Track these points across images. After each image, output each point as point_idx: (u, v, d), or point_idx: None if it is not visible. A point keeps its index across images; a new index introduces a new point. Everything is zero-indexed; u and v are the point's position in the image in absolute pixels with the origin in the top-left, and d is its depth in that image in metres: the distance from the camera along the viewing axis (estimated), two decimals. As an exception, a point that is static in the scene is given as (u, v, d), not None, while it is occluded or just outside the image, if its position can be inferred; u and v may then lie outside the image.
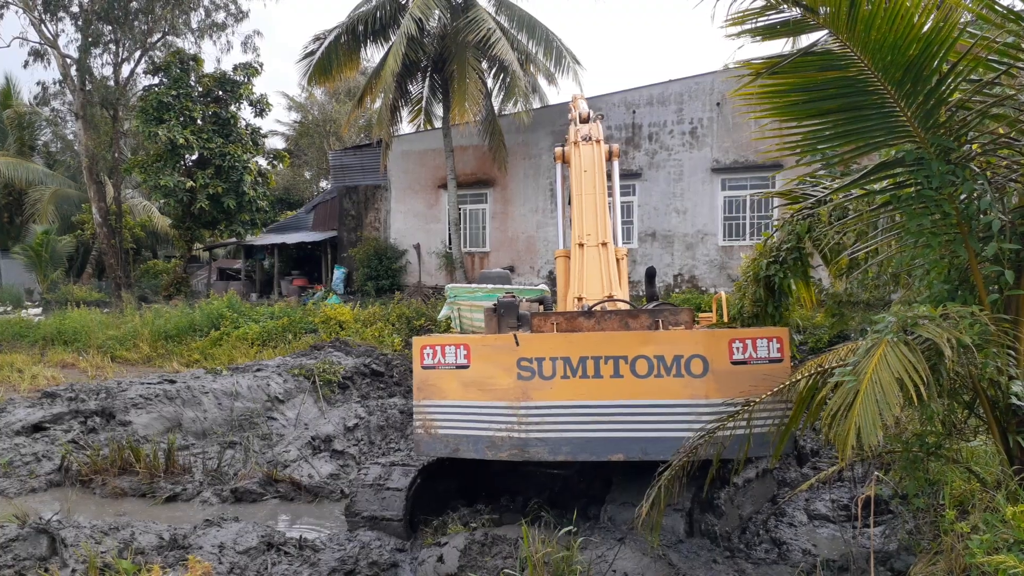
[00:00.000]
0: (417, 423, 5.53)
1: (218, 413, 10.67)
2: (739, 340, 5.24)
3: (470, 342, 5.44)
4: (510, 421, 5.27)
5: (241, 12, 27.06)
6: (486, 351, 5.39)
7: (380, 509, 6.25)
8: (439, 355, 5.44)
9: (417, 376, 5.51)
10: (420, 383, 5.51)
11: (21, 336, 17.54)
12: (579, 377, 5.24)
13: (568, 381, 5.24)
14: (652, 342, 5.28)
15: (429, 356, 5.48)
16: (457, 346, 5.41)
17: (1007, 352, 4.22)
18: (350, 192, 26.30)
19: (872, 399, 3.80)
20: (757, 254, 7.02)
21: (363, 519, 6.28)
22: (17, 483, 8.35)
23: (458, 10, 21.05)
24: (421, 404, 5.53)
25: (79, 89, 25.35)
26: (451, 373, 5.43)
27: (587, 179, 7.65)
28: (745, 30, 4.38)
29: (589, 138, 8.09)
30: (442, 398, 5.45)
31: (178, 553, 5.65)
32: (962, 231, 4.35)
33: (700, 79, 19.35)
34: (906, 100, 4.22)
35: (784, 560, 5.35)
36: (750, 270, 7.06)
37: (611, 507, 5.72)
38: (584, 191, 7.54)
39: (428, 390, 5.50)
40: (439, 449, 5.52)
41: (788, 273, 6.61)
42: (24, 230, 31.07)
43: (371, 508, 6.29)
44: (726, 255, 19.05)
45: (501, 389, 5.31)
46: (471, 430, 5.38)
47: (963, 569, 3.77)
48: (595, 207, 7.44)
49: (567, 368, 5.25)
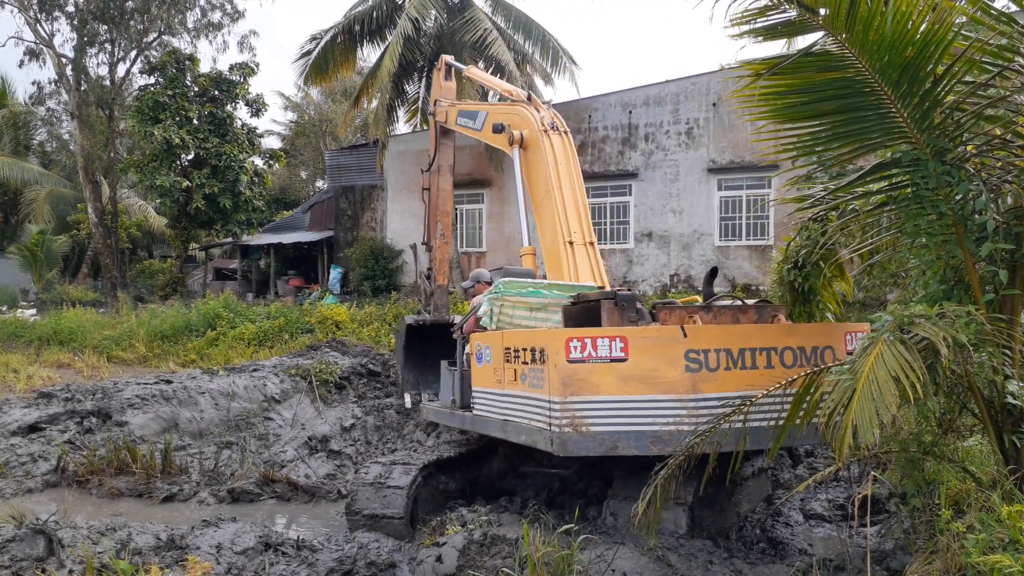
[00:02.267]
0: (564, 421, 5.01)
1: (215, 413, 10.66)
2: (851, 332, 5.59)
3: (627, 334, 5.08)
4: (679, 414, 5.01)
5: (237, 12, 27.06)
6: (647, 343, 5.06)
7: (381, 507, 6.24)
8: (589, 348, 5.04)
9: (561, 371, 5.02)
10: (566, 378, 5.03)
11: (16, 336, 17.50)
12: (739, 368, 5.12)
13: (731, 372, 5.12)
14: (795, 334, 5.42)
15: (576, 350, 5.03)
16: (612, 339, 5.05)
17: (1003, 352, 4.25)
18: (346, 192, 26.28)
19: (869, 398, 3.81)
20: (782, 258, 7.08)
21: (364, 517, 6.28)
22: (13, 484, 8.34)
23: (455, 10, 21.06)
24: (568, 401, 5.02)
25: (75, 89, 25.29)
26: (606, 367, 5.03)
27: (564, 173, 7.42)
28: (746, 30, 4.39)
29: (556, 128, 7.72)
30: (595, 393, 5.01)
31: (175, 553, 5.65)
32: (958, 231, 4.37)
33: (696, 79, 19.38)
34: (903, 101, 4.25)
35: (781, 560, 5.37)
36: (775, 274, 7.12)
37: (613, 502, 5.72)
38: (564, 186, 7.36)
39: (577, 385, 5.03)
40: (592, 447, 5.03)
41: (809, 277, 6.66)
42: (19, 230, 31.01)
43: (372, 506, 6.29)
44: (722, 255, 19.08)
45: (667, 382, 5.02)
46: (632, 426, 5.03)
47: (959, 568, 3.79)
48: (576, 204, 7.38)
49: (729, 359, 5.12)
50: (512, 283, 6.22)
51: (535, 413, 5.34)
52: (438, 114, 10.19)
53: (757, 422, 4.89)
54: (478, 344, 6.44)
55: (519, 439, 5.67)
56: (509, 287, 6.20)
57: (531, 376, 5.43)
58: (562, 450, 5.04)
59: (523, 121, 7.91)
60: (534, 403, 5.36)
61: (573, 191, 7.40)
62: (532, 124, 7.76)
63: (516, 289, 6.19)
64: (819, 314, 6.57)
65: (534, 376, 5.37)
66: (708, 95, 19.12)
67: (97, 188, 26.10)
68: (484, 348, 6.30)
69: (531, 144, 7.77)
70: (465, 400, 6.96)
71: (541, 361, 5.24)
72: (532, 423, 5.39)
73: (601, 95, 20.88)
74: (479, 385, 6.48)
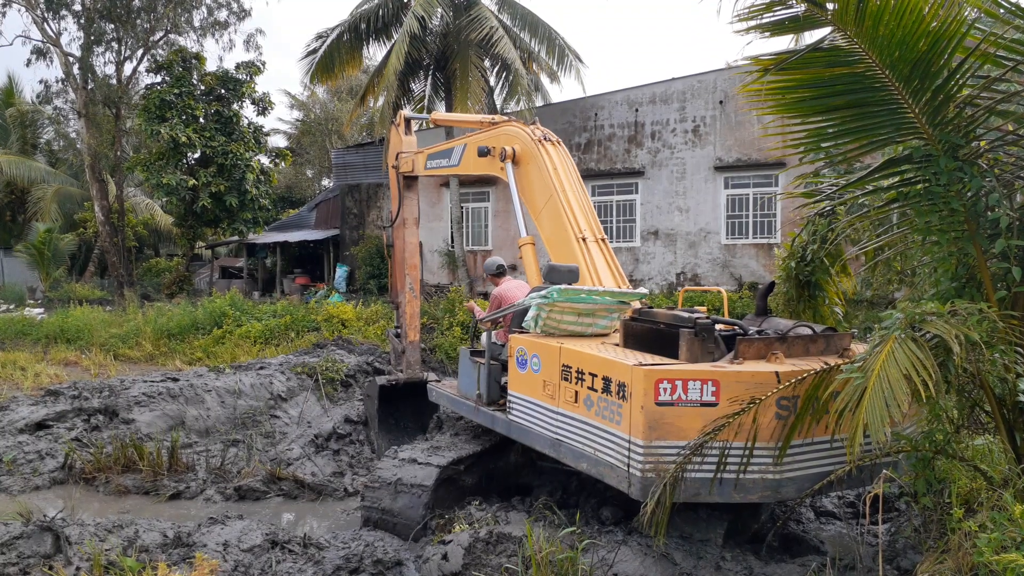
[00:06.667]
0: (647, 465, 4.74)
1: (221, 411, 10.68)
2: None
3: (719, 378, 4.77)
4: (765, 462, 4.79)
5: (243, 10, 27.03)
6: (739, 388, 4.74)
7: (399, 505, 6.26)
8: (679, 390, 4.75)
9: (648, 413, 4.74)
10: (653, 422, 4.75)
11: (24, 334, 17.56)
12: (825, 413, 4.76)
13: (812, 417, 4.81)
14: None
15: (667, 392, 4.74)
16: (704, 382, 4.75)
17: (1015, 349, 4.21)
18: (352, 190, 26.29)
19: (880, 396, 3.78)
20: (787, 254, 6.99)
21: (381, 511, 6.31)
22: (21, 481, 8.36)
23: (460, 8, 21.03)
24: (653, 445, 4.75)
25: (81, 87, 25.35)
26: (695, 411, 4.73)
27: (564, 178, 7.31)
28: (753, 26, 4.36)
29: (548, 139, 7.61)
30: (682, 439, 4.72)
31: (183, 551, 5.65)
32: (970, 228, 4.32)
33: (703, 77, 19.31)
34: (914, 96, 4.20)
35: (792, 559, 5.33)
36: (781, 270, 7.05)
37: None
38: (567, 189, 7.27)
39: (663, 429, 4.75)
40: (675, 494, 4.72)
41: (815, 272, 6.57)
42: (27, 228, 31.08)
43: (388, 502, 6.30)
44: (729, 253, 19.02)
45: (758, 429, 4.72)
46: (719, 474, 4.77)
47: (970, 567, 3.76)
48: (582, 205, 7.33)
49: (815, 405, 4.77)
50: (567, 291, 5.89)
51: (607, 447, 5.09)
52: (402, 166, 9.84)
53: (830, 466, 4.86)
54: (522, 349, 6.12)
55: (578, 466, 5.41)
56: (564, 294, 5.87)
57: (603, 407, 5.14)
58: (642, 494, 4.74)
59: (512, 138, 7.80)
60: (606, 436, 5.10)
61: (576, 193, 7.34)
62: (524, 138, 7.66)
63: (570, 296, 5.89)
64: (826, 311, 6.52)
65: (608, 409, 5.08)
66: (715, 93, 19.05)
67: (104, 187, 26.16)
68: (531, 356, 6.00)
69: (525, 157, 7.65)
70: (492, 396, 6.78)
71: (621, 396, 4.94)
72: (600, 455, 5.14)
73: (607, 93, 20.83)
74: (520, 392, 6.16)
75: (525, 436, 6.08)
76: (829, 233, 5.68)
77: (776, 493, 4.88)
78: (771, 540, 5.38)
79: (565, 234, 7.12)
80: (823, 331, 5.62)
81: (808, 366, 4.87)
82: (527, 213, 7.58)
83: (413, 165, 9.73)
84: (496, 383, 6.79)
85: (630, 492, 4.87)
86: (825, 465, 4.94)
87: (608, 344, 5.83)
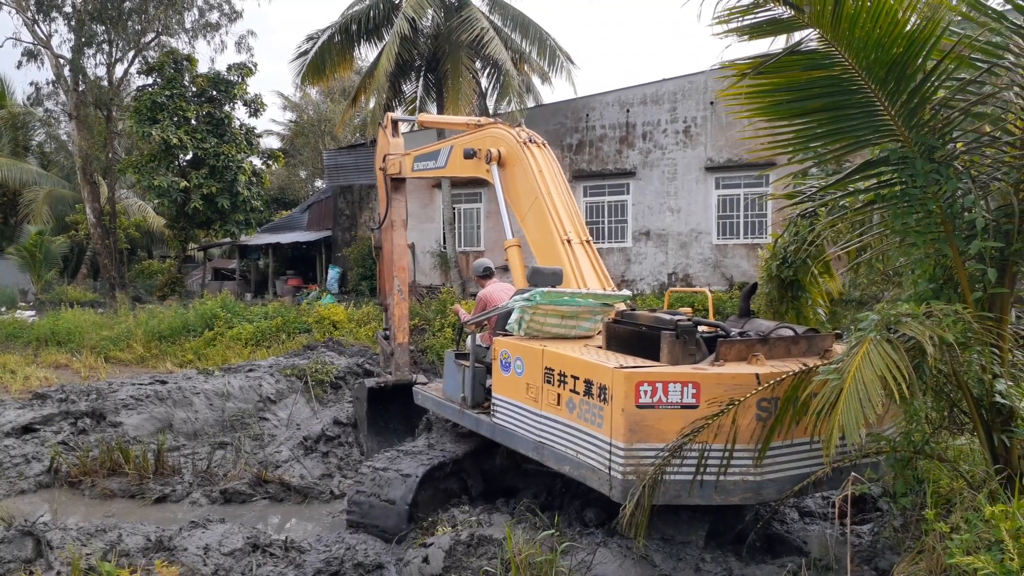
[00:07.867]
0: (628, 468, 4.76)
1: (209, 414, 10.65)
2: None
3: (699, 380, 4.77)
4: (746, 464, 4.80)
5: (235, 12, 27.01)
6: (719, 391, 4.74)
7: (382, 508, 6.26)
8: (659, 393, 4.75)
9: (629, 416, 4.75)
10: (634, 424, 4.76)
11: (14, 337, 17.49)
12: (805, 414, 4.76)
13: None
14: None
15: (647, 394, 4.75)
16: (684, 384, 4.76)
17: (991, 350, 4.22)
18: (345, 192, 26.25)
19: (855, 397, 3.79)
20: (769, 255, 6.99)
21: (364, 514, 6.31)
22: (6, 485, 8.32)
23: (451, 9, 21.02)
24: (634, 447, 4.76)
25: (73, 89, 25.27)
26: (676, 413, 4.73)
27: (550, 180, 7.32)
28: (732, 29, 4.36)
29: (533, 141, 7.62)
30: (662, 441, 4.73)
31: (164, 555, 5.63)
32: (946, 229, 4.34)
33: (693, 78, 19.34)
34: (890, 99, 4.21)
35: (773, 559, 5.34)
36: (763, 271, 7.05)
37: None
38: (551, 191, 7.31)
39: (644, 432, 4.76)
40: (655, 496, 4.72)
41: (797, 273, 6.58)
42: (18, 231, 30.99)
43: (371, 505, 6.30)
44: (720, 254, 19.05)
45: (738, 431, 4.73)
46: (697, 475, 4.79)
47: (943, 569, 3.77)
48: (567, 207, 7.34)
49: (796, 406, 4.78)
50: (550, 293, 5.89)
51: (588, 450, 5.09)
52: (390, 168, 9.83)
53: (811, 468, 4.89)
54: (505, 352, 6.12)
55: (561, 468, 5.40)
56: (547, 297, 5.87)
57: (584, 410, 5.14)
58: (622, 496, 4.75)
59: (498, 140, 7.79)
60: (587, 439, 5.10)
61: (561, 195, 7.34)
62: (509, 140, 7.67)
63: (553, 299, 5.88)
64: (809, 312, 6.53)
65: (590, 411, 5.08)
66: (706, 94, 19.08)
67: (95, 189, 26.08)
68: (514, 358, 6.00)
69: (511, 159, 7.64)
70: (476, 399, 6.78)
71: (602, 399, 4.94)
72: (582, 458, 5.14)
73: (599, 94, 20.85)
74: (504, 394, 6.15)
75: (509, 439, 6.08)
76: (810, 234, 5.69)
77: (757, 495, 4.89)
78: (754, 541, 5.38)
79: (550, 236, 7.11)
80: (805, 332, 5.63)
81: (788, 367, 4.88)
82: (513, 215, 7.58)
83: (400, 167, 9.72)
84: (481, 386, 6.78)
85: (611, 495, 4.88)
86: (806, 466, 4.96)
87: (591, 347, 5.83)
